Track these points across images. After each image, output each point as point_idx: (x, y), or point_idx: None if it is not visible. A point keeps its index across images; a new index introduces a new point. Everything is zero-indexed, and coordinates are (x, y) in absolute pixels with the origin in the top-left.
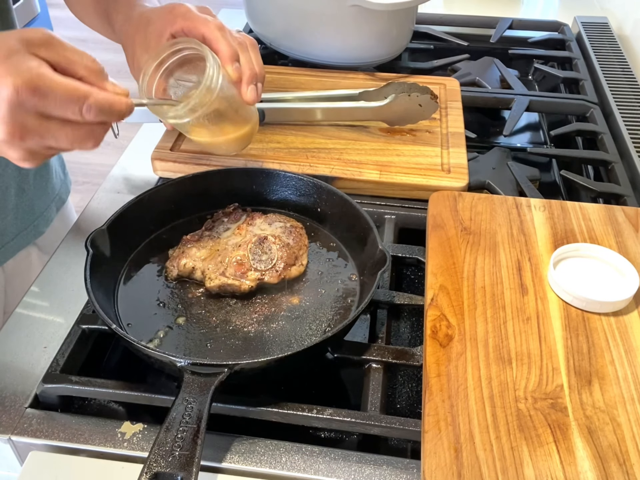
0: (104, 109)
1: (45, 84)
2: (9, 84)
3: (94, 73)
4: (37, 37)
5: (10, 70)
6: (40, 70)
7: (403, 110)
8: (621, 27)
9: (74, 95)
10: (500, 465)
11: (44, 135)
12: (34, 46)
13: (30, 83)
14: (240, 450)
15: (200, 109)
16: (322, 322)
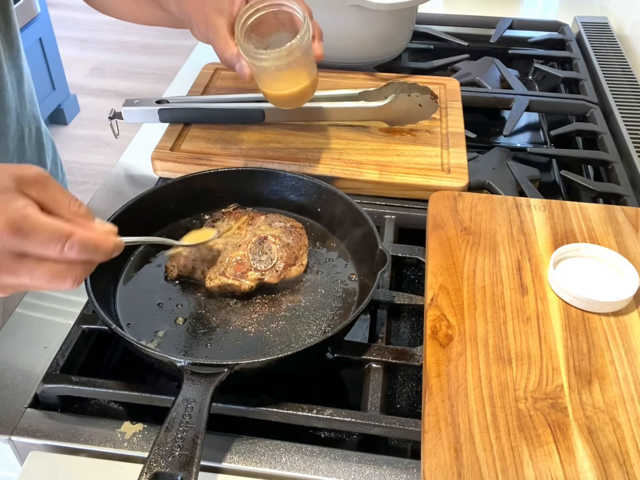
0: (87, 246)
1: (28, 225)
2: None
3: (80, 217)
4: (31, 175)
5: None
6: (26, 211)
7: (403, 110)
8: (621, 27)
9: (57, 234)
10: (500, 465)
11: (19, 273)
12: (25, 184)
13: (13, 224)
14: (240, 450)
15: (295, 54)
16: (322, 322)
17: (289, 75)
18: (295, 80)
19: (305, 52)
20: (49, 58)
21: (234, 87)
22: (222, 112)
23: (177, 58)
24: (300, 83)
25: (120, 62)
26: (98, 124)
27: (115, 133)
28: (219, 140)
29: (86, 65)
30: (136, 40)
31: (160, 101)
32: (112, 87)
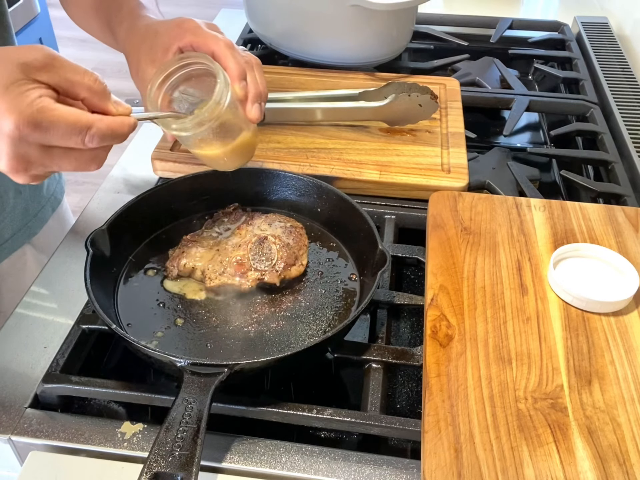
0: (106, 135)
1: (46, 118)
2: (10, 121)
3: (96, 94)
4: (37, 59)
5: (11, 105)
6: (42, 104)
7: (403, 110)
8: (621, 27)
9: (76, 127)
10: (500, 465)
11: (48, 164)
12: (33, 70)
13: (31, 119)
14: (240, 450)
15: (207, 123)
16: (322, 322)
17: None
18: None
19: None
20: None
21: None
22: None
23: None
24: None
25: (120, 62)
26: None
27: None
28: None
29: (86, 65)
30: None
31: None
32: (112, 87)
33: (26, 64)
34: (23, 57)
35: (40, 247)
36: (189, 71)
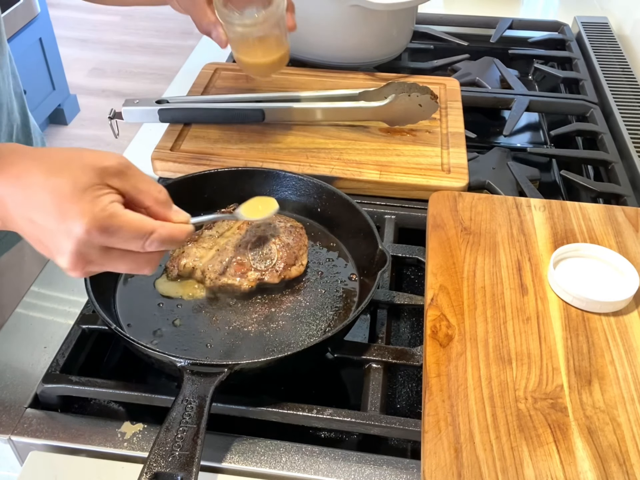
0: (165, 241)
1: (115, 223)
2: (83, 224)
3: (160, 204)
4: (113, 166)
5: (85, 209)
6: (113, 210)
7: (403, 110)
8: (621, 27)
9: (140, 232)
10: (500, 465)
11: (105, 264)
12: (109, 176)
13: (102, 223)
14: (240, 450)
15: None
16: (322, 322)
17: (263, 43)
18: (269, 49)
19: (279, 21)
20: (49, 58)
21: (234, 87)
22: (222, 112)
23: (177, 58)
24: (273, 51)
25: (120, 62)
26: (98, 124)
27: (115, 133)
28: (219, 140)
29: (86, 65)
30: (136, 40)
31: (160, 101)
32: (112, 87)
33: (103, 169)
34: (100, 163)
35: None
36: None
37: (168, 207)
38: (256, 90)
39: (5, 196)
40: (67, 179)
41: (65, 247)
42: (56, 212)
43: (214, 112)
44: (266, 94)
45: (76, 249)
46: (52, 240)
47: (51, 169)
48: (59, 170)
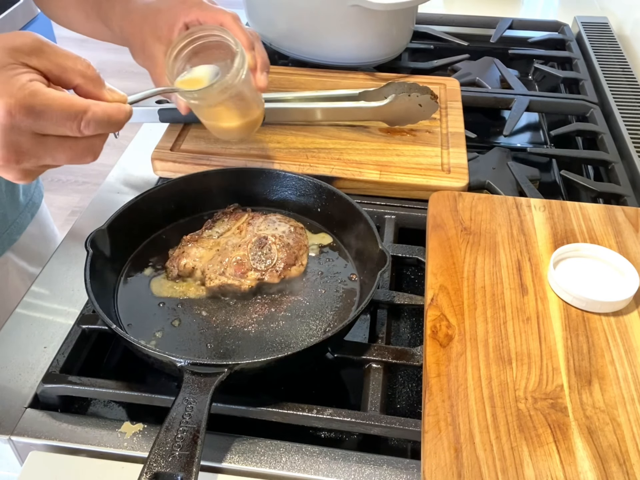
0: (102, 121)
1: (39, 102)
2: (1, 106)
3: (90, 80)
4: (27, 44)
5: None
6: (34, 87)
7: (403, 110)
8: (621, 27)
9: (71, 112)
10: (500, 465)
11: (41, 155)
12: (23, 55)
13: (24, 102)
14: (240, 450)
15: (228, 91)
16: (322, 322)
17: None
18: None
19: (244, 84)
20: None
21: None
22: None
23: None
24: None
25: (120, 62)
26: None
27: (115, 133)
28: (219, 140)
29: None
30: None
31: (160, 101)
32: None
33: (15, 48)
34: (11, 42)
35: (21, 253)
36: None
37: (99, 85)
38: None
39: None
40: None
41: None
42: None
43: None
44: (266, 94)
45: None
46: None
47: None
48: None
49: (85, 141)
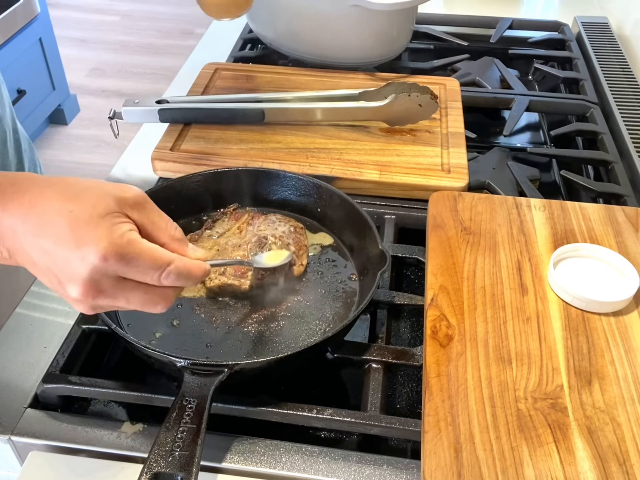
0: (181, 275)
1: (132, 251)
2: (100, 250)
3: (176, 240)
4: (132, 197)
5: (103, 235)
6: (131, 237)
7: (403, 110)
8: (621, 27)
9: (157, 262)
10: (500, 465)
11: (117, 296)
12: (127, 207)
13: (120, 250)
14: (240, 450)
15: None
16: (322, 322)
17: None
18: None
19: None
20: (49, 58)
21: (234, 87)
22: (222, 112)
23: (177, 58)
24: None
25: (120, 62)
26: (98, 124)
27: (115, 133)
28: (219, 140)
29: (86, 65)
30: (136, 40)
31: (160, 101)
32: (112, 87)
33: (122, 199)
34: (120, 193)
35: None
36: None
37: (184, 244)
38: (256, 90)
39: (17, 224)
40: (85, 205)
41: (78, 274)
42: (72, 238)
43: (214, 112)
44: (266, 94)
45: (90, 276)
46: (65, 267)
47: (68, 195)
48: (77, 196)
49: (160, 290)
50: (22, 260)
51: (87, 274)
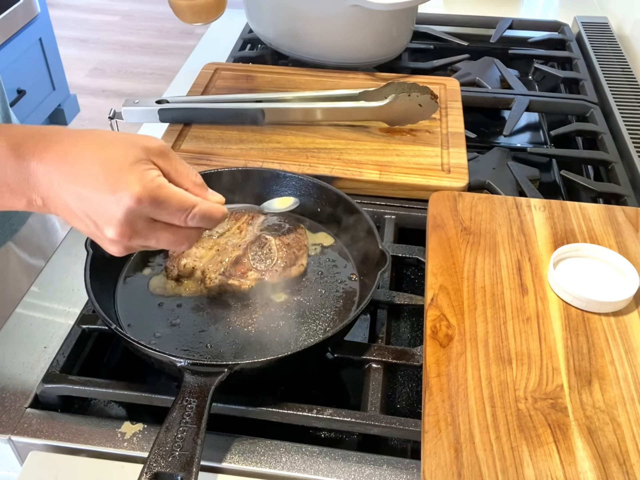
0: (204, 217)
1: (163, 194)
2: (134, 194)
3: (197, 186)
4: (157, 147)
5: (136, 179)
6: (161, 182)
7: (403, 110)
8: (621, 27)
9: (184, 205)
10: (500, 465)
11: (149, 236)
12: (153, 155)
13: (151, 194)
14: (240, 450)
15: None
16: (322, 322)
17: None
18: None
19: None
20: (49, 58)
21: (234, 87)
22: (222, 112)
23: (177, 58)
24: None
25: (120, 62)
26: (98, 124)
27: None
28: (219, 140)
29: (86, 65)
30: (136, 40)
31: (160, 101)
32: (112, 87)
33: (148, 148)
34: (146, 143)
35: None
36: None
37: (205, 189)
38: (256, 90)
39: (52, 172)
40: (118, 153)
41: (114, 216)
42: (107, 183)
43: (214, 112)
44: (266, 94)
45: (125, 217)
46: (101, 211)
47: (99, 145)
48: (108, 145)
49: (185, 230)
50: (56, 207)
51: (123, 215)
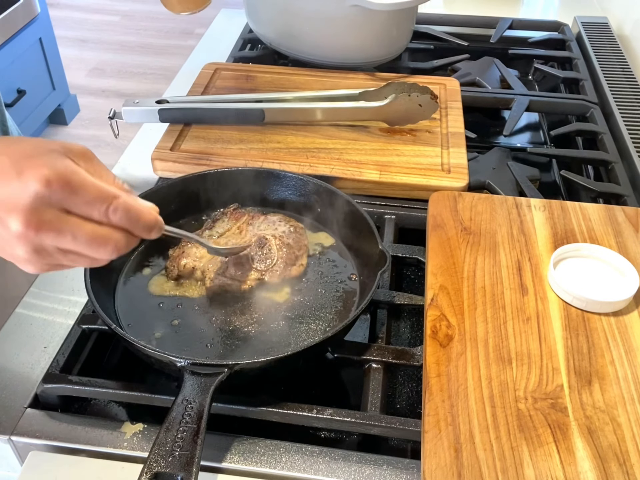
0: (131, 214)
1: (77, 180)
2: (41, 176)
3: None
4: (79, 149)
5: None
6: (75, 168)
7: (403, 110)
8: (621, 27)
9: (103, 194)
10: (500, 465)
11: (63, 230)
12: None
13: (63, 177)
14: (240, 450)
15: None
16: (322, 322)
17: None
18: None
19: None
20: (49, 58)
21: (234, 87)
22: (222, 112)
23: (177, 58)
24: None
25: (120, 62)
26: (98, 124)
27: (115, 133)
28: (219, 140)
29: (86, 65)
30: (136, 40)
31: (160, 101)
32: (112, 87)
33: (69, 148)
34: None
35: None
36: None
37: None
38: (256, 90)
39: None
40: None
41: (19, 203)
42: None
43: (214, 112)
44: (266, 94)
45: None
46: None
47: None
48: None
49: (107, 229)
50: None
51: (28, 201)
